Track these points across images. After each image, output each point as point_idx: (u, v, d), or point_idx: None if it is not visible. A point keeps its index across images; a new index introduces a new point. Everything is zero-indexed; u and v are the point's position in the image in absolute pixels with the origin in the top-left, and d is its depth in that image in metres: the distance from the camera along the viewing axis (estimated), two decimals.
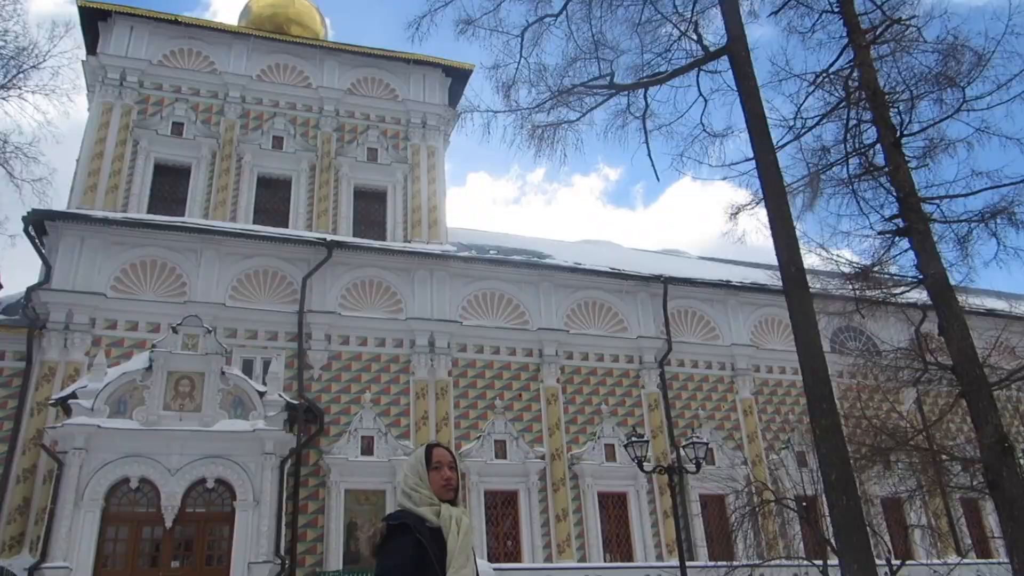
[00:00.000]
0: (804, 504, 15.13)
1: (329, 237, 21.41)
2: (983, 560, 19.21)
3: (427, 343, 21.25)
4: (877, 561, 14.61)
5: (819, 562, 14.12)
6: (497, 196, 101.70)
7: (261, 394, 17.58)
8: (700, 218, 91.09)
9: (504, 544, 20.13)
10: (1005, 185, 13.06)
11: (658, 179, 28.02)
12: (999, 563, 16.96)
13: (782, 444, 23.22)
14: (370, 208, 23.84)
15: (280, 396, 17.84)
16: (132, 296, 19.44)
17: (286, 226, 22.34)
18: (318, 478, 19.00)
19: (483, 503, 20.11)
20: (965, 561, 18.02)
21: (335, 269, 21.24)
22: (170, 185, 22.25)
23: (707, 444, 16.36)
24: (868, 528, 15.09)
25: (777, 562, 16.44)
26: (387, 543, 3.20)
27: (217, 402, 17.25)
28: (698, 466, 15.02)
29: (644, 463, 15.05)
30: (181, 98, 23.20)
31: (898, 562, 14.18)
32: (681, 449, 16.12)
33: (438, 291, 22.06)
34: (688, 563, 15.76)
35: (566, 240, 31.92)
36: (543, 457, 21.08)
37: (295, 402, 18.43)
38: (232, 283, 20.40)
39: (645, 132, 15.58)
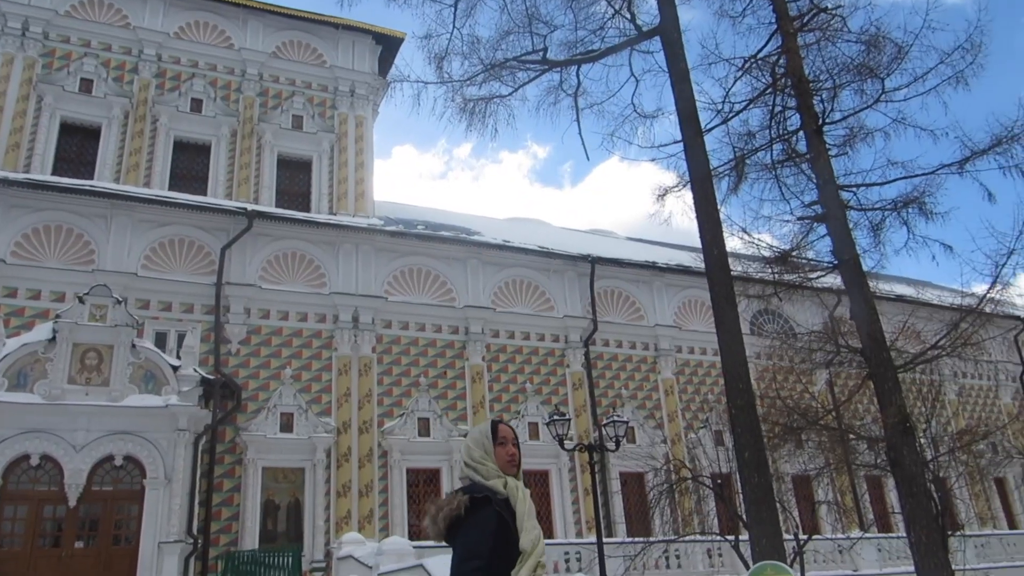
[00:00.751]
0: (719, 482, 15.74)
1: (250, 207, 20.94)
2: (884, 535, 20.37)
3: (351, 319, 21.10)
4: (786, 536, 15.35)
5: (731, 537, 14.74)
6: (423, 170, 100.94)
7: (175, 368, 17.18)
8: (627, 199, 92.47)
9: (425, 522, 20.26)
10: (918, 175, 13.73)
11: (588, 158, 28.25)
12: (898, 537, 17.99)
13: (701, 423, 24.02)
14: (294, 178, 23.41)
15: (195, 371, 17.48)
16: (34, 263, 18.66)
17: (204, 194, 21.75)
18: (234, 455, 18.74)
19: (405, 481, 20.20)
20: (867, 535, 19.09)
21: (256, 240, 20.82)
22: (78, 146, 21.35)
23: (627, 423, 16.80)
24: (778, 504, 15.81)
25: (691, 538, 17.08)
26: (469, 516, 3.25)
27: (127, 376, 16.78)
28: (617, 444, 15.44)
29: (565, 441, 15.37)
30: (91, 53, 22.20)
31: (805, 537, 14.92)
32: (603, 428, 16.51)
33: (363, 266, 21.88)
34: (605, 540, 16.22)
35: (495, 217, 32.02)
36: (466, 435, 21.23)
37: (211, 377, 18.09)
38: (145, 252, 19.78)
39: (577, 110, 15.78)
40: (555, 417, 15.23)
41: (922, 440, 14.93)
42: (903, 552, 16.74)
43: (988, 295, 12.56)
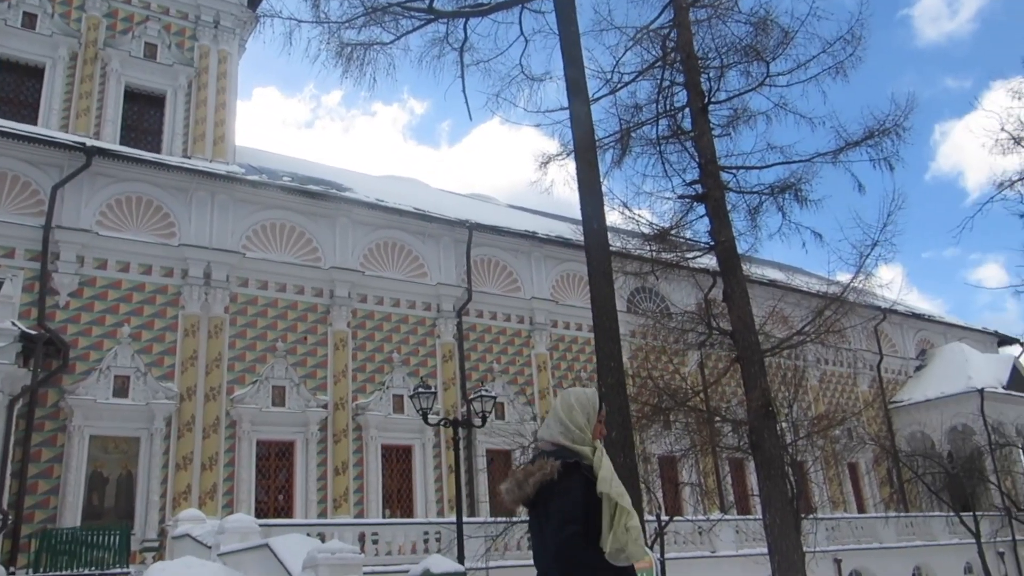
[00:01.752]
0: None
1: (89, 142, 19.68)
2: (742, 516, 21.78)
3: (202, 274, 20.34)
4: (649, 517, 16.15)
5: None
6: (288, 117, 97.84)
7: None
8: (508, 164, 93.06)
9: (275, 499, 20.01)
10: (795, 162, 14.59)
11: (471, 118, 28.26)
12: (755, 519, 19.27)
13: None
14: (144, 114, 22.20)
15: (13, 324, 16.39)
16: None
17: (35, 123, 20.27)
18: (57, 422, 17.75)
19: (254, 454, 19.81)
20: (726, 517, 20.36)
21: (95, 180, 19.65)
22: None
23: (495, 398, 17.10)
24: (643, 485, 16.60)
25: None
26: (562, 481, 3.38)
27: None
28: (484, 420, 15.71)
29: (430, 416, 15.50)
30: None
31: (667, 518, 15.74)
32: (470, 403, 16.74)
33: (219, 217, 21.10)
34: (467, 519, 16.51)
35: (369, 174, 31.53)
36: (326, 406, 21.06)
37: (33, 332, 17.01)
38: None
39: (462, 66, 15.69)
40: (420, 390, 15.31)
41: (783, 424, 16.06)
42: (759, 534, 17.92)
43: (852, 284, 13.53)
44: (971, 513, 23.10)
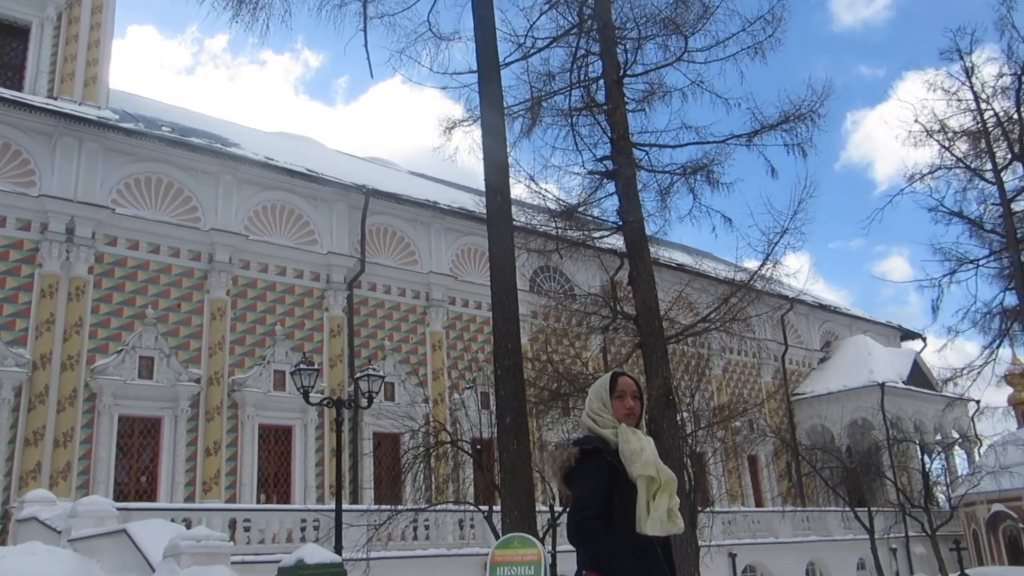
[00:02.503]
0: (479, 448, 16.34)
1: None
2: None
3: (64, 230, 19.34)
4: (542, 508, 16.31)
5: (485, 508, 15.42)
6: (166, 60, 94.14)
7: None
8: (408, 127, 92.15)
9: (137, 480, 19.35)
10: (709, 142, 14.89)
11: (372, 75, 27.82)
12: None
13: (467, 383, 24.77)
14: (5, 46, 20.88)
15: None
16: None
17: None
18: None
19: (116, 430, 19.07)
20: None
21: None
22: None
23: (383, 377, 16.94)
24: (537, 474, 16.75)
25: (442, 507, 17.67)
26: (580, 467, 3.64)
27: None
28: (370, 401, 15.55)
29: (312, 394, 15.23)
30: None
31: (560, 509, 15.93)
32: (357, 382, 16.53)
33: (87, 167, 20.08)
34: (347, 506, 16.36)
35: (259, 129, 30.65)
36: (198, 380, 20.44)
37: None
38: None
39: (365, 18, 15.29)
40: (302, 366, 15.01)
41: (684, 414, 16.45)
42: None
43: (759, 271, 13.93)
44: (866, 509, 24.29)
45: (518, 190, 15.30)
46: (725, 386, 32.69)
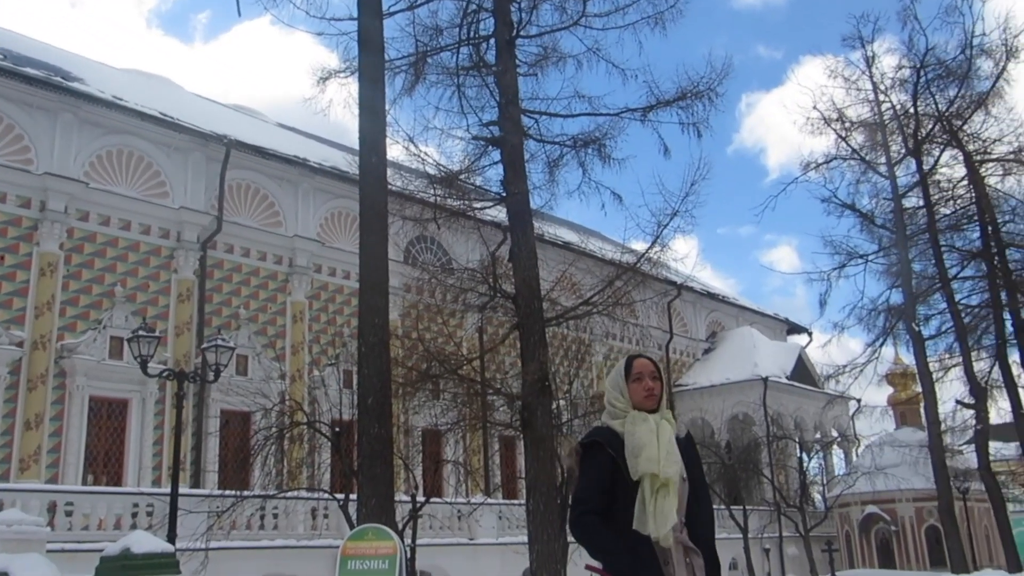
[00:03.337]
0: (338, 430, 16.09)
1: None
2: (507, 501, 22.52)
3: None
4: (403, 497, 16.23)
5: (340, 496, 15.21)
6: None
7: None
8: (275, 74, 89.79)
9: None
10: (603, 114, 15.01)
11: (240, 14, 26.63)
12: (520, 504, 19.96)
13: (330, 360, 24.37)
14: None
15: None
16: None
17: None
18: None
19: None
20: (489, 501, 20.95)
21: None
22: None
23: (234, 349, 16.44)
24: (401, 461, 16.66)
25: (293, 494, 17.35)
26: (583, 461, 3.80)
27: None
28: (217, 374, 15.07)
29: (151, 365, 14.62)
30: None
31: (422, 499, 15.90)
32: (204, 353, 15.98)
33: None
34: (186, 490, 15.89)
35: (108, 64, 29.19)
36: (21, 344, 19.36)
37: None
38: None
39: None
40: (141, 333, 14.37)
41: (561, 402, 16.64)
42: (524, 521, 18.62)
43: (647, 254, 14.16)
44: (741, 507, 25.28)
45: (395, 151, 15.11)
46: (606, 374, 33.22)
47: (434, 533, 19.41)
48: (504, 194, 14.51)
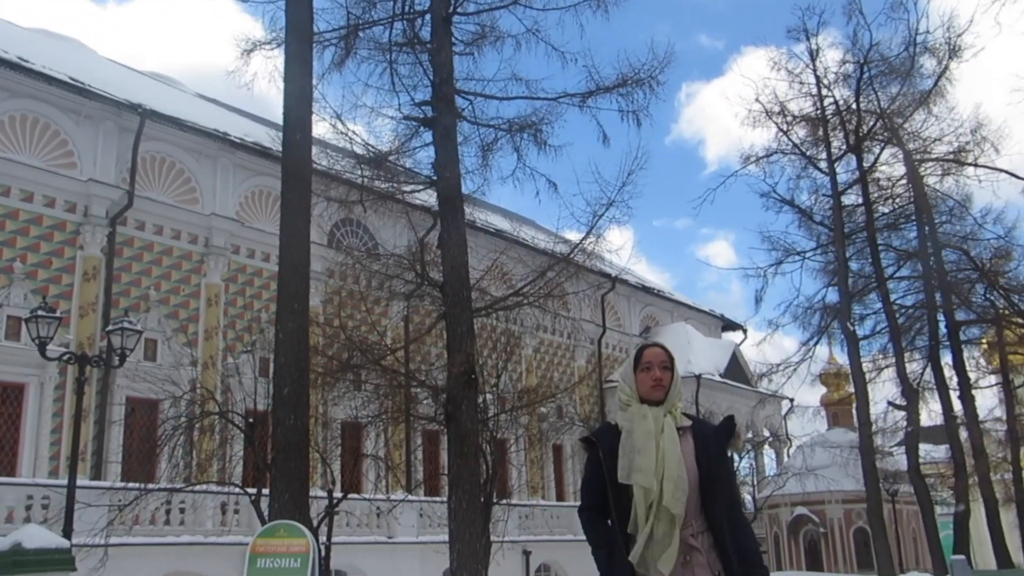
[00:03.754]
0: (251, 421, 15.84)
1: None
2: (429, 498, 22.46)
3: None
4: (320, 493, 16.09)
5: (252, 490, 14.98)
6: None
7: None
8: (195, 42, 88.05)
9: None
10: (541, 99, 15.02)
11: None
12: (442, 501, 19.92)
13: (245, 347, 23.95)
14: None
15: None
16: None
17: None
18: None
19: None
20: (411, 498, 20.86)
21: None
22: None
23: (142, 332, 16.07)
24: (318, 454, 16.50)
25: (202, 488, 17.05)
26: (586, 460, 4.06)
27: None
28: (122, 358, 14.71)
29: (51, 347, 14.21)
30: None
31: (339, 495, 15.76)
32: (109, 336, 15.58)
33: None
34: (85, 482, 15.51)
35: (14, 23, 28.18)
36: None
37: None
38: None
39: None
40: (39, 313, 13.95)
41: (488, 395, 16.64)
42: (446, 519, 18.59)
43: (581, 244, 14.23)
44: None
45: (322, 129, 14.95)
46: (535, 368, 33.42)
47: (351, 531, 19.27)
48: (435, 177, 14.45)
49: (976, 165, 28.99)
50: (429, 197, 15.76)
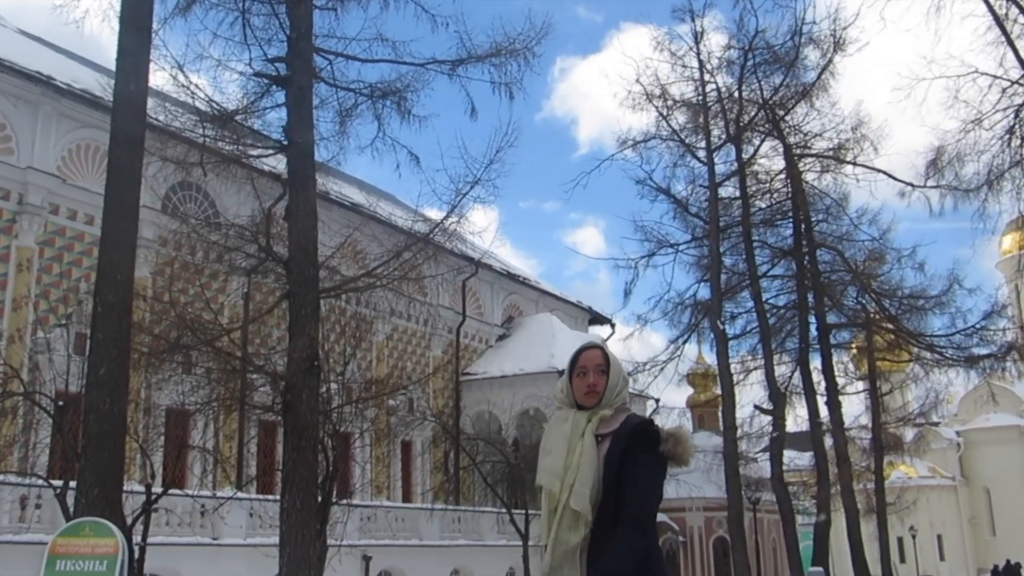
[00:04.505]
0: (62, 404, 15.19)
1: None
2: (262, 496, 22.01)
3: None
4: (136, 488, 15.57)
5: (59, 483, 14.39)
6: None
7: None
8: None
9: None
10: (407, 63, 14.89)
11: None
12: (275, 500, 19.60)
13: (60, 320, 22.94)
14: None
15: None
16: None
17: None
18: None
19: None
20: (240, 495, 20.37)
21: None
22: None
23: None
24: (137, 444, 15.98)
25: (0, 478, 16.29)
26: None
27: None
28: None
29: None
30: None
31: (159, 490, 15.31)
32: None
33: None
34: None
35: None
36: None
37: None
38: None
39: None
40: None
41: (332, 384, 16.45)
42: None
43: (443, 224, 14.21)
44: (523, 511, 25.85)
45: (161, 79, 14.45)
46: (387, 356, 33.20)
47: (171, 530, 18.68)
48: (286, 142, 14.18)
49: (855, 164, 30.40)
50: (278, 163, 15.43)
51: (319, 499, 12.55)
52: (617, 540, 3.71)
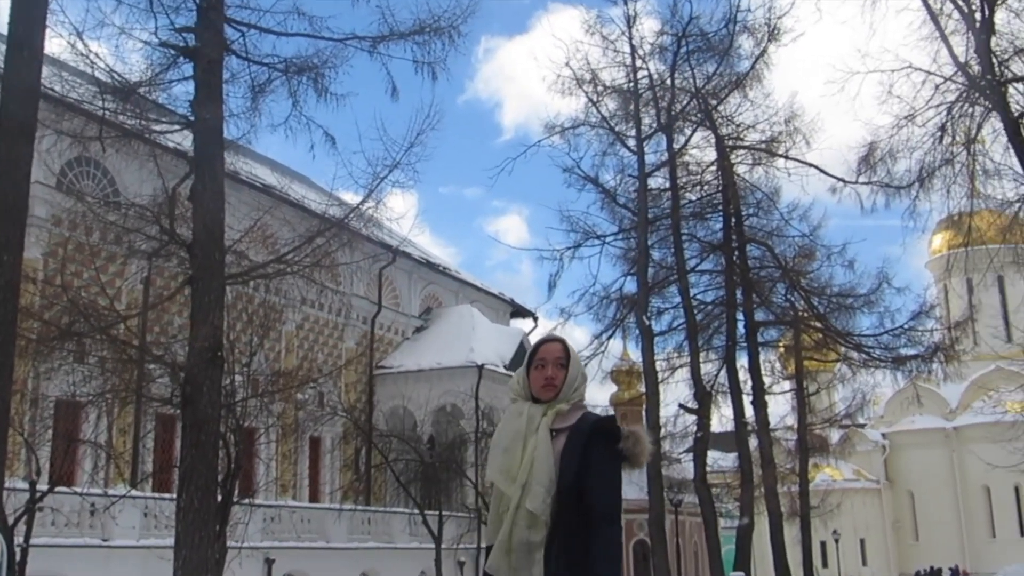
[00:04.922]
0: None
1: None
2: (158, 494, 21.59)
3: None
4: (19, 485, 15.20)
5: None
6: None
7: None
8: None
9: None
10: (324, 39, 14.68)
11: None
12: (172, 498, 19.27)
13: None
14: None
15: None
16: None
17: None
18: None
19: None
20: (134, 494, 19.96)
21: None
22: None
23: None
24: (21, 437, 15.60)
25: None
26: None
27: None
28: None
29: None
30: None
31: (45, 487, 14.99)
32: None
33: None
34: None
35: None
36: None
37: None
38: None
39: None
40: None
41: (238, 376, 16.25)
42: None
43: (358, 208, 14.10)
44: (437, 512, 25.83)
45: (56, 47, 14.03)
46: (297, 347, 32.83)
47: (56, 531, 18.25)
48: (192, 118, 13.89)
49: (787, 157, 30.81)
50: (184, 140, 15.13)
51: (219, 498, 12.40)
52: (600, 542, 3.83)
